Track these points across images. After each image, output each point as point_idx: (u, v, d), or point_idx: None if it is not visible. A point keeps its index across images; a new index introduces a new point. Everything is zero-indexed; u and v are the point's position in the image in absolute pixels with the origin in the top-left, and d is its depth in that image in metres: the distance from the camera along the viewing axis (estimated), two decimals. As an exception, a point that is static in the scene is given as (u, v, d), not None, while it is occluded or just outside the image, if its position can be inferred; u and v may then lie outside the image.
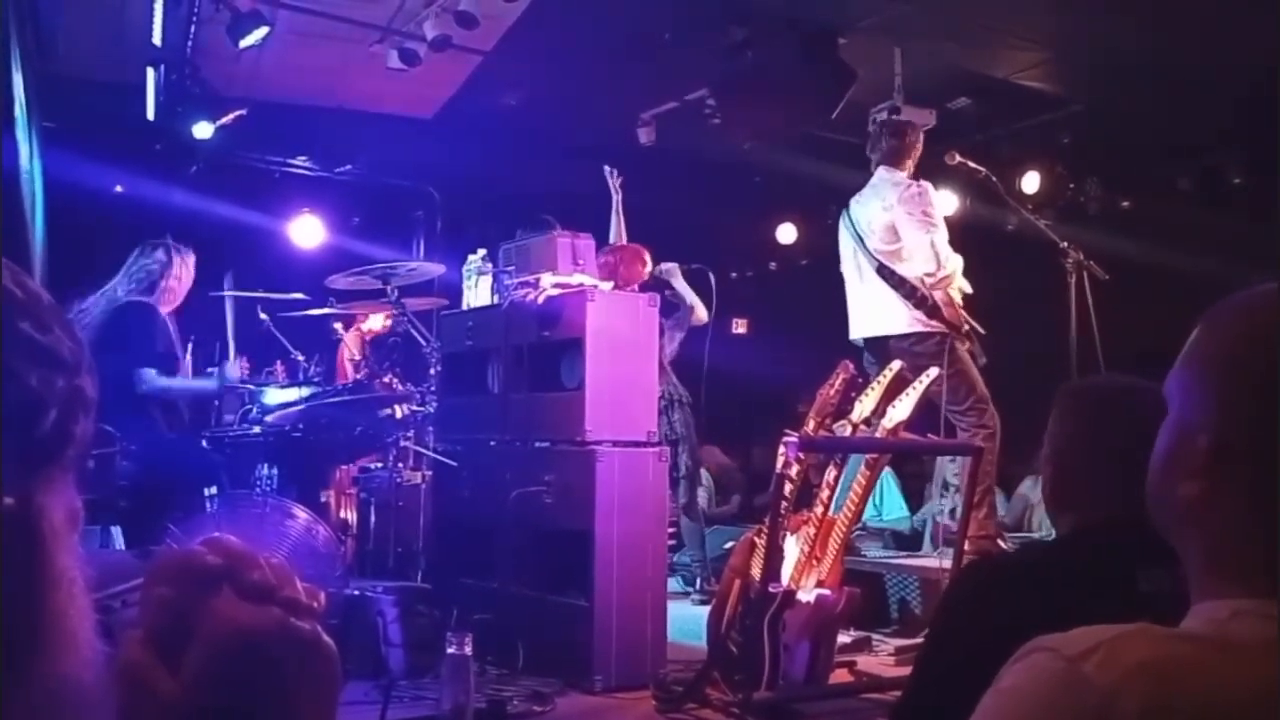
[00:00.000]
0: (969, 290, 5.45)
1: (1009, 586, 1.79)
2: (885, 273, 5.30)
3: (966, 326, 5.34)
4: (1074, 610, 0.99)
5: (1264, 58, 5.35)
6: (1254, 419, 0.89)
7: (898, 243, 5.29)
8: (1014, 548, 5.18)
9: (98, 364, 0.66)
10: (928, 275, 5.22)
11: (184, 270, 4.99)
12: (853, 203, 5.54)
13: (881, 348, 5.28)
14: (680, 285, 6.30)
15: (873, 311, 5.38)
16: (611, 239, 6.19)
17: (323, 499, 4.76)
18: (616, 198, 6.32)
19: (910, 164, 5.49)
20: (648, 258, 5.97)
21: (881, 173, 5.47)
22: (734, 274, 10.74)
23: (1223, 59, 6.13)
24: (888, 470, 6.88)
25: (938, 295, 5.26)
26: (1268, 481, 0.87)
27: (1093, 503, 1.82)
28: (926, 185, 5.37)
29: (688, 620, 4.78)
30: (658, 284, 5.94)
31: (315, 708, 0.65)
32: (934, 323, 5.23)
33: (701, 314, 6.33)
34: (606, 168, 6.32)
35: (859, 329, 5.48)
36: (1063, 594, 1.67)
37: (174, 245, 5.00)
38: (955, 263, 5.29)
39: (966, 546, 4.88)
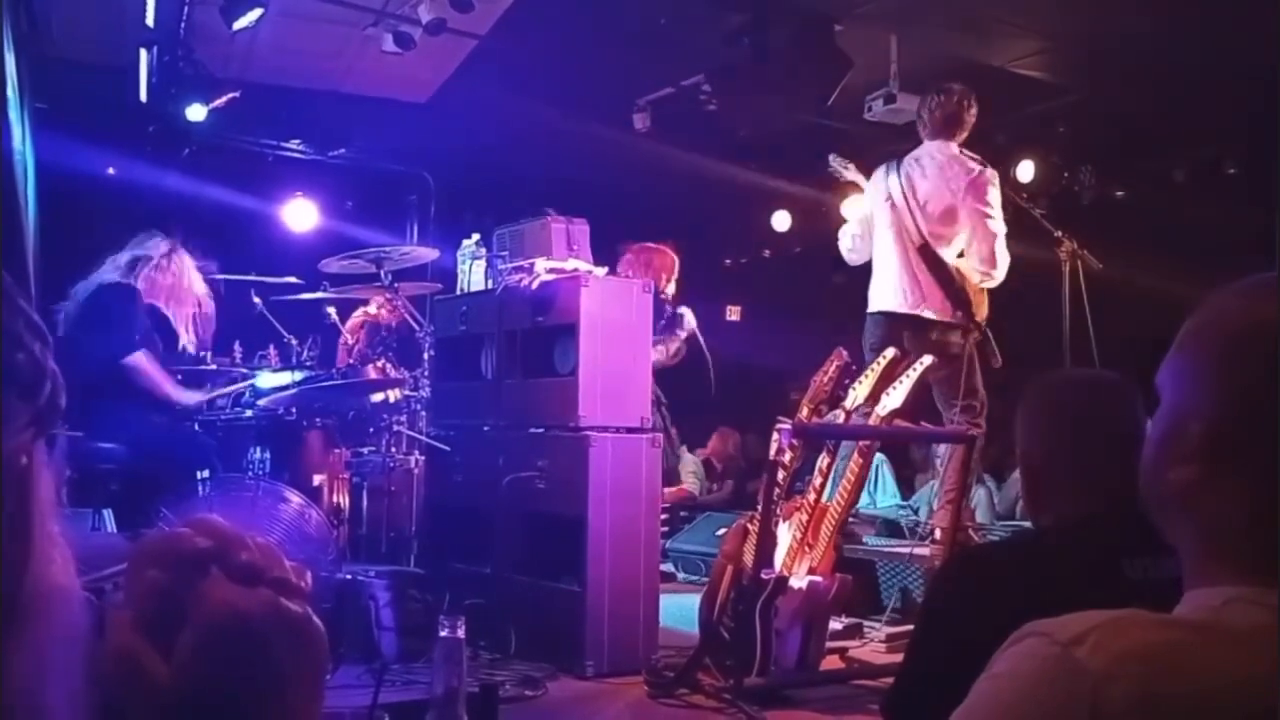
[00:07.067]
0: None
1: (997, 575, 1.80)
2: (927, 253, 5.13)
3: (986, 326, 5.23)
4: (1062, 598, 0.99)
5: (1261, 49, 5.35)
6: (1249, 405, 0.89)
7: (954, 227, 5.14)
8: (1002, 537, 5.18)
9: (82, 344, 0.66)
10: (982, 273, 5.11)
11: (174, 266, 4.90)
12: (908, 169, 5.26)
13: (903, 326, 5.12)
14: (689, 326, 6.23)
15: (907, 288, 5.17)
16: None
17: (315, 483, 4.75)
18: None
19: (963, 135, 5.29)
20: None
21: (941, 146, 5.25)
22: (728, 261, 10.73)
23: (1220, 50, 6.13)
24: (883, 459, 6.88)
25: (971, 289, 5.15)
26: (1262, 468, 0.87)
27: (1072, 502, 1.83)
28: (992, 174, 5.20)
29: (680, 606, 4.79)
30: (674, 316, 6.06)
31: (304, 688, 0.65)
32: (960, 314, 5.13)
33: (672, 351, 6.23)
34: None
35: (885, 302, 5.20)
36: (1051, 582, 1.68)
37: (176, 242, 4.95)
38: (1006, 264, 5.13)
39: (938, 536, 4.94)
